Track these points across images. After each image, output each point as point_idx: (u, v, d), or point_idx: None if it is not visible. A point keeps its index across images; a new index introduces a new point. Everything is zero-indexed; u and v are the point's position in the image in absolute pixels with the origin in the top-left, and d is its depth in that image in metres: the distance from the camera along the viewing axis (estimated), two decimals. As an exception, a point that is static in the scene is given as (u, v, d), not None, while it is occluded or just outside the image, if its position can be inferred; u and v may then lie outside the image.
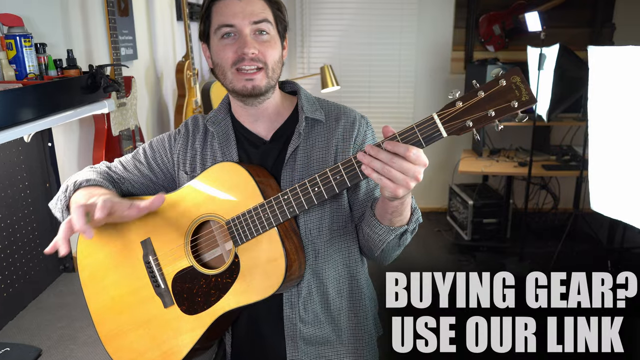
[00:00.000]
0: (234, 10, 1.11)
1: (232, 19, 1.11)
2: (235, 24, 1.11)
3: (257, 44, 1.12)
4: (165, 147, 1.29)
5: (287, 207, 1.06)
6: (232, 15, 1.11)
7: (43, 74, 1.50)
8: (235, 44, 1.12)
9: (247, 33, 1.12)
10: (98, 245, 1.25)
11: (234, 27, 1.11)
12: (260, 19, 1.12)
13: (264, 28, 1.13)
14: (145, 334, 1.20)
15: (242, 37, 1.12)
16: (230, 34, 1.12)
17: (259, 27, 1.13)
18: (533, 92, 0.93)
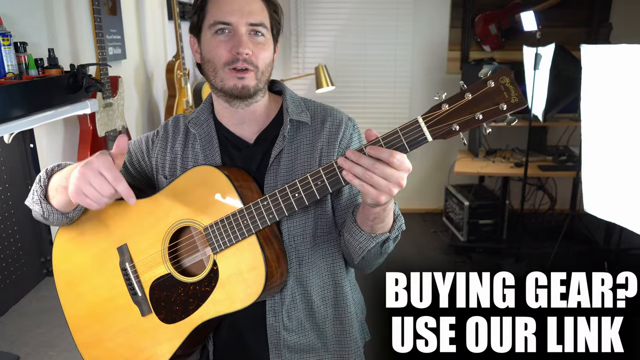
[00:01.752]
0: (232, 8, 1.07)
1: (229, 16, 1.07)
2: (232, 22, 1.07)
3: (252, 45, 1.08)
4: (142, 150, 1.25)
5: (267, 213, 1.02)
6: (230, 12, 1.07)
7: (23, 73, 1.46)
8: (230, 42, 1.08)
9: (243, 32, 1.08)
10: (74, 251, 1.21)
11: (230, 25, 1.08)
12: (257, 21, 1.09)
13: (260, 30, 1.10)
14: (122, 343, 1.16)
15: (237, 36, 1.08)
16: (224, 30, 1.08)
17: (255, 28, 1.09)
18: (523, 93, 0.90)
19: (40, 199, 1.13)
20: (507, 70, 0.90)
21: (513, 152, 4.37)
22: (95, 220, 1.20)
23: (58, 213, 1.13)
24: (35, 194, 1.14)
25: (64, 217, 1.14)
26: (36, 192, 1.14)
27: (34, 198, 1.14)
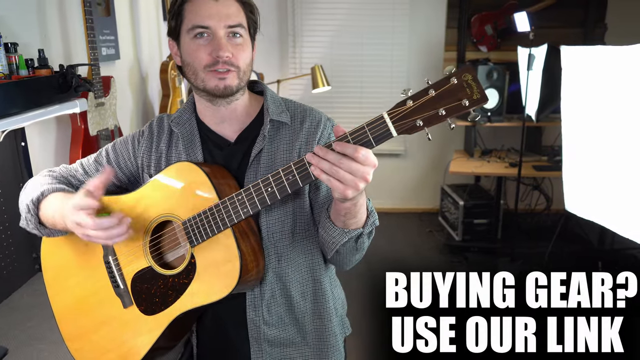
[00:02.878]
0: (210, 12, 1.10)
1: (207, 20, 1.10)
2: (210, 26, 1.10)
3: (231, 47, 1.11)
4: (128, 149, 1.28)
5: (241, 207, 1.05)
6: (207, 16, 1.10)
7: (13, 73, 1.50)
8: (209, 46, 1.11)
9: (222, 35, 1.10)
10: (61, 245, 1.25)
11: (208, 29, 1.10)
12: (235, 23, 1.11)
13: (238, 31, 1.13)
14: (105, 335, 1.20)
15: (216, 39, 1.10)
16: (203, 34, 1.11)
17: (234, 30, 1.12)
18: (484, 90, 0.93)
19: (36, 226, 1.18)
20: (469, 68, 0.92)
21: (508, 152, 4.39)
22: (81, 215, 1.23)
23: (59, 233, 1.20)
24: (30, 222, 1.19)
25: (63, 234, 1.21)
26: (30, 222, 1.18)
27: (30, 226, 1.20)
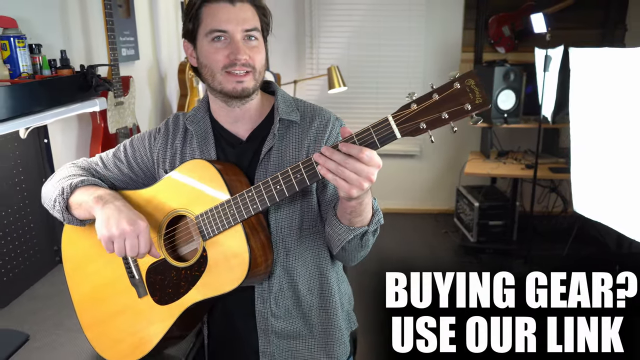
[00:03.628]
0: (228, 16, 1.15)
1: (225, 24, 1.14)
2: (228, 30, 1.15)
3: (248, 49, 1.16)
4: (145, 146, 1.33)
5: (251, 203, 1.09)
6: (225, 20, 1.14)
7: (37, 73, 1.57)
8: (227, 49, 1.15)
9: (239, 39, 1.15)
10: (81, 237, 1.31)
11: (226, 33, 1.15)
12: (251, 27, 1.16)
13: (254, 34, 1.17)
14: (121, 323, 1.25)
15: (234, 43, 1.15)
16: (221, 37, 1.16)
17: (250, 34, 1.16)
18: (487, 95, 0.95)
19: (62, 209, 1.22)
20: (472, 73, 0.95)
21: (525, 154, 4.37)
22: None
23: (76, 221, 1.24)
24: (58, 204, 1.22)
25: (81, 224, 1.25)
26: (58, 203, 1.22)
27: (56, 207, 1.23)
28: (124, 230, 1.09)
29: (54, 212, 1.25)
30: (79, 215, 1.22)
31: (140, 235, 1.10)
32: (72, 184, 1.22)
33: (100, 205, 1.14)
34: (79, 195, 1.20)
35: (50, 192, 1.26)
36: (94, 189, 1.21)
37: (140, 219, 1.11)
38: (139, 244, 1.10)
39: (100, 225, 1.12)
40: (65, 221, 1.25)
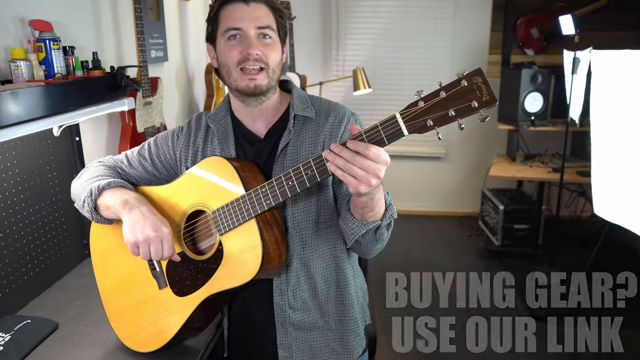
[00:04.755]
0: (242, 15, 1.21)
1: (239, 22, 1.21)
2: (242, 27, 1.21)
3: (261, 46, 1.22)
4: (168, 144, 1.39)
5: (264, 199, 1.14)
6: (239, 19, 1.21)
7: (70, 74, 1.65)
8: (241, 45, 1.21)
9: (252, 35, 1.21)
10: (108, 232, 1.38)
11: (240, 30, 1.21)
12: (264, 24, 1.22)
13: (267, 33, 1.23)
14: (142, 313, 1.31)
15: (247, 39, 1.21)
16: (236, 36, 1.22)
17: (263, 31, 1.22)
18: (494, 92, 0.97)
19: (90, 210, 1.29)
20: (479, 71, 0.97)
21: (553, 157, 4.30)
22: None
23: (104, 221, 1.32)
24: (87, 205, 1.29)
25: (108, 222, 1.33)
26: (87, 204, 1.29)
27: (85, 208, 1.30)
28: (148, 237, 1.15)
29: (83, 211, 1.32)
30: (106, 216, 1.29)
31: (163, 240, 1.16)
32: (100, 186, 1.28)
33: (127, 210, 1.20)
34: (107, 198, 1.26)
35: (79, 192, 1.33)
36: (120, 192, 1.26)
37: (164, 225, 1.17)
38: (162, 249, 1.16)
39: (127, 230, 1.18)
40: (93, 220, 1.32)
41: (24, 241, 1.63)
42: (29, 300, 1.63)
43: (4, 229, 1.55)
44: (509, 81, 4.13)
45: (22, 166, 1.61)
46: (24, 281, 1.62)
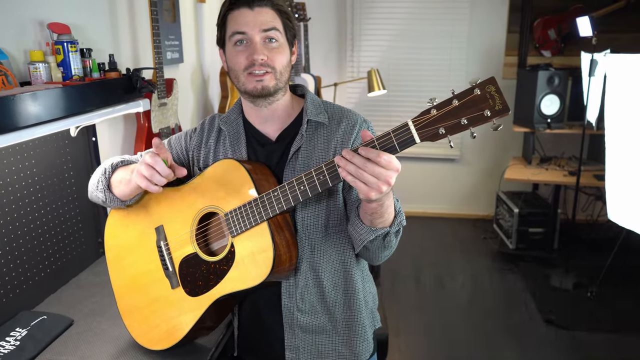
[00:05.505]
0: (246, 20, 1.22)
1: (244, 27, 1.22)
2: (246, 32, 1.22)
3: (267, 51, 1.23)
4: (181, 144, 1.41)
5: (276, 203, 1.15)
6: (244, 23, 1.22)
7: (87, 75, 1.68)
8: (247, 51, 1.23)
9: (258, 40, 1.22)
10: (122, 229, 1.40)
11: (245, 35, 1.22)
12: (269, 27, 1.23)
13: (273, 36, 1.23)
14: (155, 311, 1.33)
15: (253, 44, 1.22)
16: (242, 41, 1.23)
17: (269, 35, 1.23)
18: (507, 101, 0.97)
19: (104, 188, 1.33)
20: (492, 79, 0.97)
21: (569, 161, 4.26)
22: (139, 204, 1.38)
23: (117, 200, 1.34)
24: (100, 183, 1.34)
25: (122, 204, 1.35)
26: (101, 182, 1.34)
27: (99, 187, 1.34)
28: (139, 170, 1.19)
29: (97, 192, 1.35)
30: (120, 193, 1.31)
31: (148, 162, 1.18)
32: (113, 164, 1.34)
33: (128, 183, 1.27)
34: (119, 174, 1.31)
35: (95, 177, 1.38)
36: (133, 165, 1.30)
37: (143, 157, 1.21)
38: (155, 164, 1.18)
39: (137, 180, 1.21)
40: (107, 201, 1.34)
41: (41, 239, 1.67)
42: (45, 296, 1.67)
43: (22, 227, 1.58)
44: (525, 83, 4.10)
45: (40, 166, 1.65)
46: (41, 278, 1.66)
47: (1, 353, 1.33)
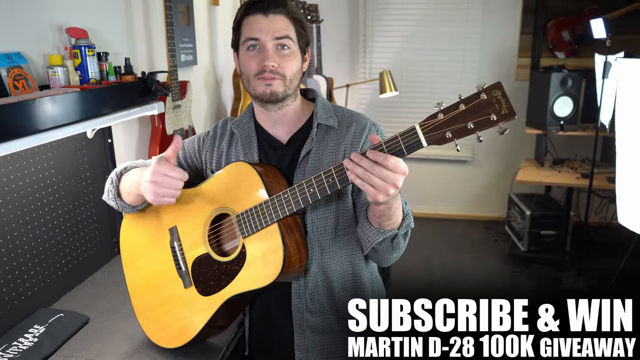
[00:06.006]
0: (260, 26, 1.25)
1: (257, 33, 1.25)
2: (260, 38, 1.25)
3: (278, 57, 1.25)
4: (194, 148, 1.45)
5: (286, 205, 1.17)
6: (258, 30, 1.25)
7: (103, 79, 1.72)
8: (259, 57, 1.25)
9: (270, 47, 1.25)
10: (136, 230, 1.44)
11: (258, 41, 1.25)
12: (282, 35, 1.25)
13: (285, 43, 1.26)
14: (168, 310, 1.37)
15: (265, 51, 1.25)
16: (255, 46, 1.26)
17: (281, 42, 1.25)
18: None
19: (114, 197, 1.38)
20: (499, 84, 0.99)
21: (582, 163, 4.23)
22: (153, 205, 1.41)
23: (129, 207, 1.38)
24: (110, 193, 1.39)
25: (133, 209, 1.39)
26: (110, 192, 1.38)
27: (109, 196, 1.40)
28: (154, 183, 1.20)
29: (109, 201, 1.40)
30: (130, 201, 1.35)
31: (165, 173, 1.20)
32: (117, 172, 1.38)
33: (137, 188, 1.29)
34: (125, 181, 1.35)
35: (106, 186, 1.42)
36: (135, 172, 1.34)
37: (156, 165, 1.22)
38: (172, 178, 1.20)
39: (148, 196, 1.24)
40: (120, 208, 1.40)
41: (58, 238, 1.71)
42: (62, 294, 1.71)
43: (40, 226, 1.63)
44: (538, 85, 4.08)
45: (57, 167, 1.69)
46: (58, 276, 1.70)
47: (20, 349, 1.37)
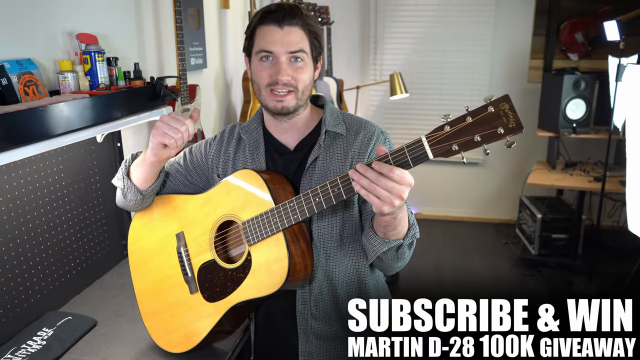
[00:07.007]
0: (275, 38, 1.24)
1: (271, 45, 1.24)
2: (273, 51, 1.24)
3: (291, 70, 1.24)
4: (201, 152, 1.45)
5: (292, 214, 1.17)
6: (272, 42, 1.24)
7: (113, 84, 1.73)
8: (272, 68, 1.25)
9: (283, 61, 1.24)
10: (144, 235, 1.45)
11: (272, 53, 1.24)
12: (297, 49, 1.24)
13: (299, 56, 1.25)
14: (174, 315, 1.37)
15: (278, 64, 1.24)
16: (268, 57, 1.25)
17: (295, 55, 1.25)
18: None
19: (123, 175, 1.38)
20: (507, 97, 0.97)
21: (595, 166, 4.18)
22: (161, 210, 1.42)
23: (134, 188, 1.36)
24: (120, 171, 1.40)
25: (138, 193, 1.37)
26: (121, 170, 1.40)
27: (119, 175, 1.40)
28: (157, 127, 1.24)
29: (117, 182, 1.41)
30: (136, 177, 1.35)
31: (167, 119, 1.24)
32: (133, 154, 1.41)
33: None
34: (137, 160, 1.36)
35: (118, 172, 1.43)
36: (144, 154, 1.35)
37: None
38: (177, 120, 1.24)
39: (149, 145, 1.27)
40: (125, 189, 1.38)
41: (67, 241, 1.73)
42: (71, 297, 1.73)
43: (49, 230, 1.64)
44: (551, 87, 4.04)
45: (67, 171, 1.71)
46: (67, 279, 1.72)
47: (29, 352, 1.39)
